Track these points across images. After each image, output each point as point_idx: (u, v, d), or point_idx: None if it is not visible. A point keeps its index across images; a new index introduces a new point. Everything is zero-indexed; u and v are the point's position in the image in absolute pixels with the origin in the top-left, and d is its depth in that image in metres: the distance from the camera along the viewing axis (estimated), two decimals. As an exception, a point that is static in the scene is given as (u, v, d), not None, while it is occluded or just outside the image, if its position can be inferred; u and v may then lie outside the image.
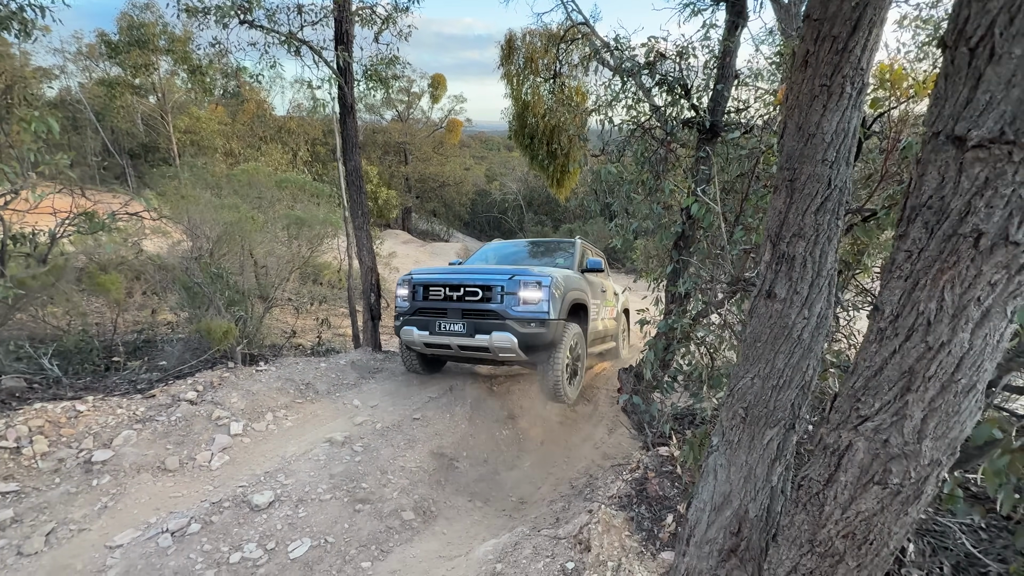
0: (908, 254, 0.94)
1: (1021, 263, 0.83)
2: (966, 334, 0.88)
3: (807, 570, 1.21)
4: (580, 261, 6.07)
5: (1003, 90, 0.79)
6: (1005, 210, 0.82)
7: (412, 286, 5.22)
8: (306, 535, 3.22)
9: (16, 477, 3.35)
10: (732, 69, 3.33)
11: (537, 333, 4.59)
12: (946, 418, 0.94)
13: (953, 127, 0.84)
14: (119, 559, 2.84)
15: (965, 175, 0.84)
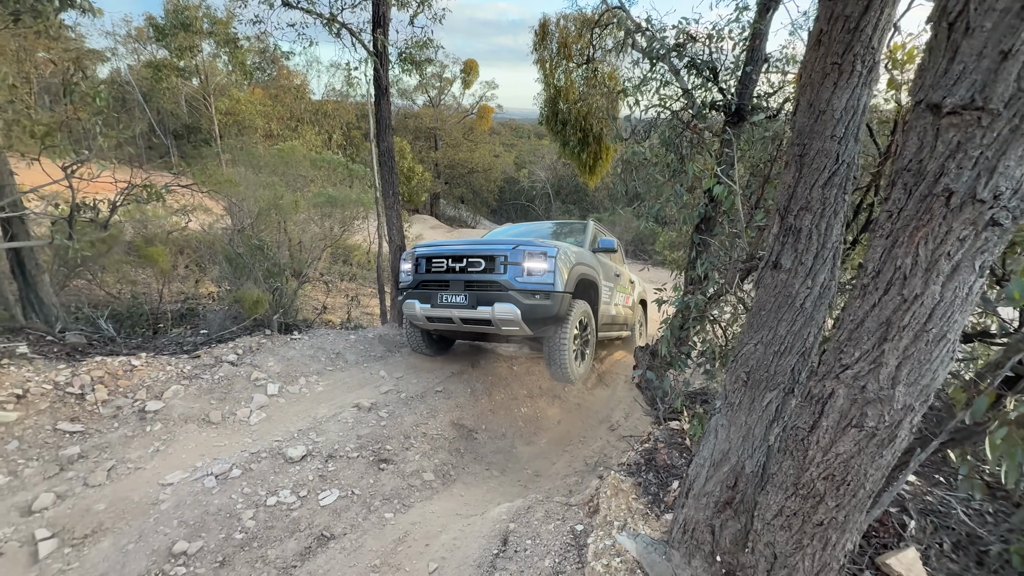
0: (889, 214, 1.02)
1: (986, 219, 0.90)
2: (937, 287, 0.96)
3: (791, 512, 1.32)
4: (592, 241, 5.90)
5: (975, 61, 0.86)
6: (973, 171, 0.89)
7: (415, 259, 5.05)
8: (335, 486, 3.48)
9: (81, 420, 3.72)
10: (762, 52, 3.31)
11: (542, 305, 4.40)
12: (918, 365, 1.03)
13: (931, 96, 0.92)
14: (170, 495, 3.15)
15: (940, 139, 0.92)
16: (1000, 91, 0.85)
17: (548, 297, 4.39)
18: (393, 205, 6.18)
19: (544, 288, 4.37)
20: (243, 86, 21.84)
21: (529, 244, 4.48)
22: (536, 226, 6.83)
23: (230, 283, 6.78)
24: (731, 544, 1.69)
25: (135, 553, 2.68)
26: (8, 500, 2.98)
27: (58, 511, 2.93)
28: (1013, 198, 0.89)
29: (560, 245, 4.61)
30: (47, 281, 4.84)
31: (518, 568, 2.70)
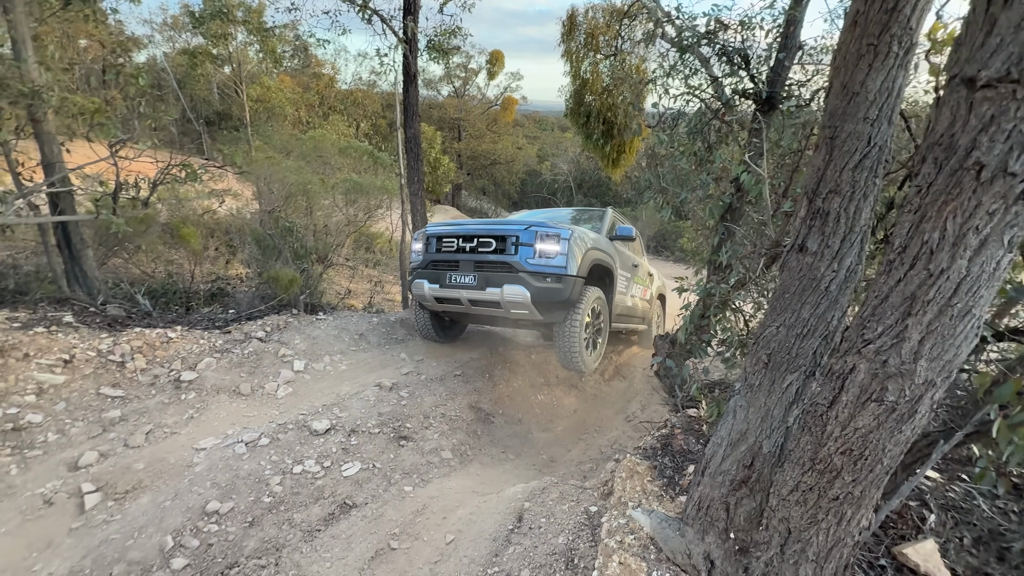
0: (918, 189, 1.03)
1: (1017, 193, 0.90)
2: (964, 261, 0.97)
3: (807, 487, 1.34)
4: (610, 228, 5.72)
5: (1012, 33, 0.86)
6: (1006, 144, 0.89)
7: (426, 238, 4.96)
8: (357, 459, 3.61)
9: (121, 386, 3.93)
10: (796, 40, 3.25)
11: (553, 288, 4.23)
12: (941, 340, 1.04)
13: (966, 69, 0.92)
14: (203, 459, 3.31)
15: (974, 113, 0.92)
16: (1036, 63, 0.85)
17: (560, 280, 4.24)
18: (418, 192, 6.27)
19: (556, 271, 4.24)
20: (272, 74, 22.26)
21: (542, 225, 4.37)
22: (554, 212, 6.63)
23: (259, 264, 6.99)
24: (745, 522, 1.71)
25: (172, 509, 2.84)
26: (57, 456, 3.19)
27: (101, 468, 3.12)
28: (1044, 172, 0.89)
29: (575, 228, 4.49)
30: (91, 255, 5.09)
31: (532, 543, 2.77)
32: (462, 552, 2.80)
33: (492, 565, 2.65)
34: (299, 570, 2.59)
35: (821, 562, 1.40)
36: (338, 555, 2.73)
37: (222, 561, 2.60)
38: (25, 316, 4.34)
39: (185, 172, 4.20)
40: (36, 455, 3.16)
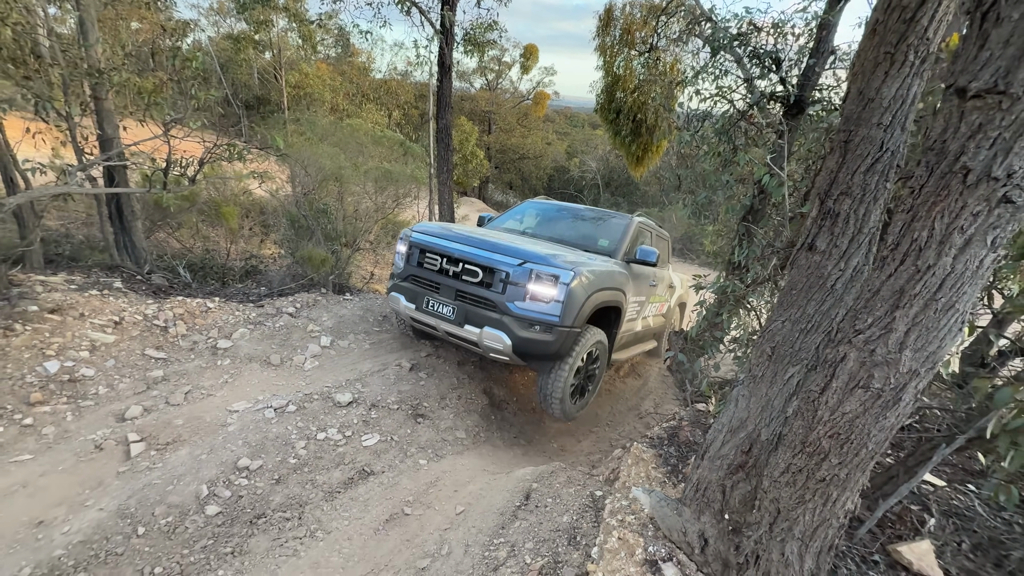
0: (911, 190, 1.10)
1: (999, 196, 0.97)
2: (949, 258, 1.04)
3: (797, 468, 1.43)
4: (629, 247, 4.75)
5: (1001, 48, 0.92)
6: (991, 151, 0.96)
7: (409, 245, 4.36)
8: (376, 432, 3.80)
9: (164, 349, 4.22)
10: (829, 44, 3.24)
11: (539, 340, 3.68)
12: (926, 332, 1.11)
13: (959, 80, 0.99)
14: (236, 420, 3.55)
15: (964, 121, 0.99)
16: (1021, 77, 0.91)
17: (549, 331, 3.67)
18: (446, 181, 6.44)
19: (546, 319, 3.65)
20: (311, 61, 22.81)
21: (540, 262, 3.67)
22: (569, 209, 5.64)
23: (291, 245, 7.29)
24: (740, 504, 1.80)
25: (207, 462, 3.08)
26: (106, 407, 3.48)
27: (145, 421, 3.39)
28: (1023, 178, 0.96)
29: (580, 266, 3.75)
30: (139, 227, 5.42)
31: (537, 520, 2.91)
32: (471, 522, 2.96)
33: (498, 536, 2.80)
34: (320, 525, 2.79)
35: (807, 540, 1.48)
36: (356, 515, 2.92)
37: (251, 511, 2.82)
38: (80, 279, 4.69)
39: (230, 151, 4.45)
40: (88, 405, 3.45)
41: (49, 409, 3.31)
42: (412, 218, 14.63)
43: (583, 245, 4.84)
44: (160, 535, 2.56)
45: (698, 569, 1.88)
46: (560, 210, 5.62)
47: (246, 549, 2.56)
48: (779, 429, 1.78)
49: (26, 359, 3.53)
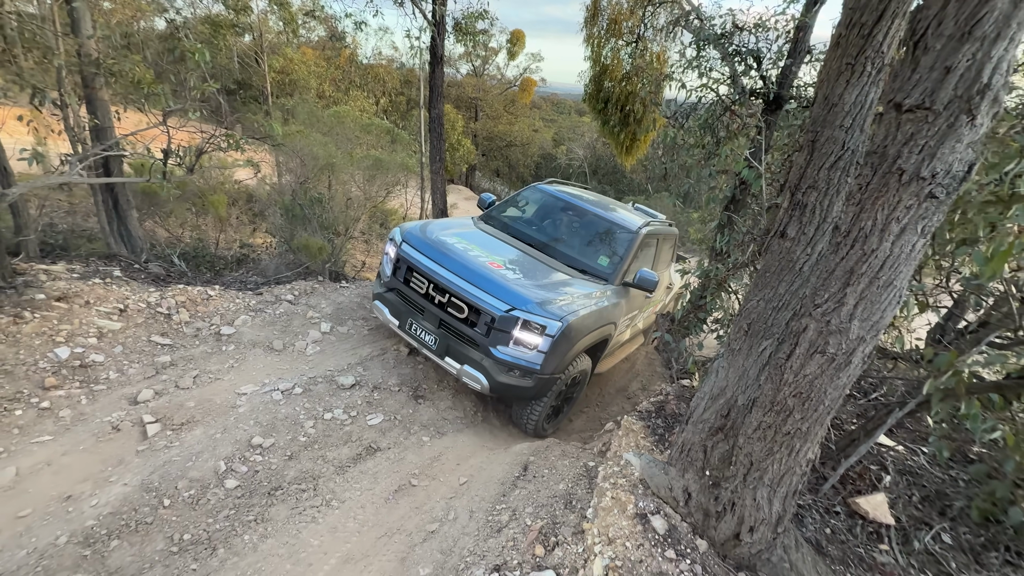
0: (859, 186, 1.32)
1: (926, 192, 1.19)
2: (888, 243, 1.26)
3: (767, 425, 1.67)
4: (628, 268, 4.47)
5: (928, 72, 1.13)
6: (920, 155, 1.17)
7: (397, 256, 4.21)
8: (379, 412, 3.99)
9: (169, 335, 4.33)
10: (805, 45, 3.46)
11: (518, 385, 3.68)
12: (870, 305, 1.33)
13: (897, 96, 1.20)
14: (245, 402, 3.71)
15: (900, 131, 1.20)
16: (942, 96, 1.12)
17: (529, 377, 3.66)
18: (439, 171, 6.56)
19: (527, 366, 3.62)
20: (294, 45, 22.36)
21: (528, 309, 3.54)
22: (575, 212, 5.12)
23: (284, 233, 7.36)
24: (719, 461, 2.05)
25: (222, 441, 3.24)
26: (118, 391, 3.60)
27: (158, 404, 3.53)
28: (945, 177, 1.17)
29: (569, 314, 3.62)
30: (135, 216, 5.46)
31: (536, 488, 3.15)
32: (474, 491, 3.19)
33: (500, 502, 3.03)
34: (335, 495, 2.99)
35: (775, 487, 1.73)
36: (367, 486, 3.13)
37: (267, 484, 3.00)
38: (80, 268, 4.75)
39: (228, 141, 4.53)
40: (101, 389, 3.57)
41: (64, 393, 3.42)
42: (400, 206, 14.67)
43: (580, 262, 4.61)
44: (185, 506, 2.73)
45: (682, 519, 2.13)
46: (566, 207, 5.18)
47: (268, 517, 2.75)
48: (753, 394, 2.02)
49: (37, 346, 3.62)
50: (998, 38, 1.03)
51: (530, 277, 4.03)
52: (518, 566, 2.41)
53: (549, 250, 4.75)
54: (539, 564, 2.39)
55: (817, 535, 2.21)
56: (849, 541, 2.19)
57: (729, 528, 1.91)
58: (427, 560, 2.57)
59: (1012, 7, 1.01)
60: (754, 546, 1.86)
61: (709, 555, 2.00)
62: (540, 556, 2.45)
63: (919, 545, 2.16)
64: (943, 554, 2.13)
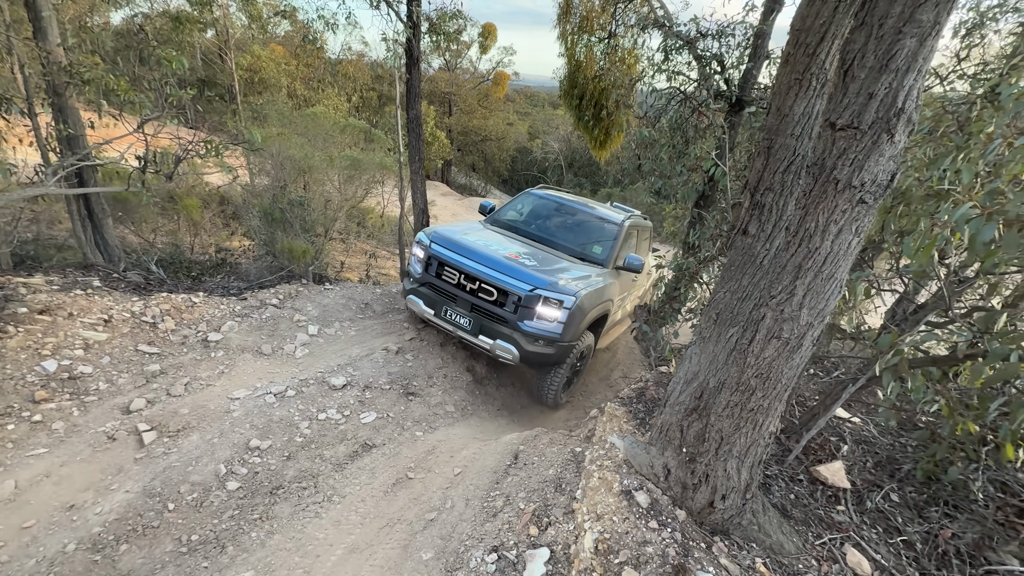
0: (804, 193, 1.52)
1: (857, 199, 1.39)
2: (829, 242, 1.47)
3: (734, 404, 1.87)
4: (619, 254, 5.20)
5: (854, 97, 1.33)
6: (851, 167, 1.38)
7: (428, 256, 4.79)
8: (372, 410, 4.11)
9: (156, 344, 4.34)
10: (764, 50, 3.70)
11: (543, 353, 4.36)
12: (816, 295, 1.54)
13: (831, 116, 1.40)
14: (239, 406, 3.78)
15: (835, 146, 1.40)
16: (867, 118, 1.32)
17: (551, 345, 4.36)
18: (419, 171, 6.64)
19: (550, 336, 4.32)
20: (262, 42, 21.81)
21: (547, 288, 4.23)
22: (566, 211, 5.83)
23: (264, 236, 7.33)
24: (694, 439, 2.26)
25: (220, 445, 3.32)
26: (110, 401, 3.63)
27: (151, 412, 3.57)
28: (872, 186, 1.38)
29: (580, 289, 4.36)
30: (111, 224, 5.40)
31: (527, 475, 3.33)
32: (468, 481, 3.35)
33: (494, 489, 3.20)
34: (335, 491, 3.11)
35: (742, 458, 1.94)
36: (365, 481, 3.26)
37: (268, 484, 3.10)
38: (59, 280, 4.69)
39: (208, 148, 4.53)
40: (92, 400, 3.59)
41: (54, 406, 3.44)
42: (377, 204, 14.60)
43: (579, 252, 5.34)
44: (189, 509, 2.82)
45: (663, 493, 2.34)
46: (558, 208, 5.90)
47: (272, 515, 2.86)
48: (722, 377, 2.23)
49: (23, 359, 3.61)
50: (908, 70, 1.23)
51: (543, 264, 4.74)
52: (514, 545, 2.58)
53: (552, 243, 5.46)
54: (534, 543, 2.57)
55: (783, 500, 2.45)
56: (811, 505, 2.44)
57: (704, 497, 2.13)
58: (428, 546, 2.73)
59: (918, 45, 1.21)
60: (726, 512, 2.08)
61: (688, 523, 2.22)
62: (534, 535, 2.63)
63: (871, 505, 2.42)
64: (891, 511, 2.40)
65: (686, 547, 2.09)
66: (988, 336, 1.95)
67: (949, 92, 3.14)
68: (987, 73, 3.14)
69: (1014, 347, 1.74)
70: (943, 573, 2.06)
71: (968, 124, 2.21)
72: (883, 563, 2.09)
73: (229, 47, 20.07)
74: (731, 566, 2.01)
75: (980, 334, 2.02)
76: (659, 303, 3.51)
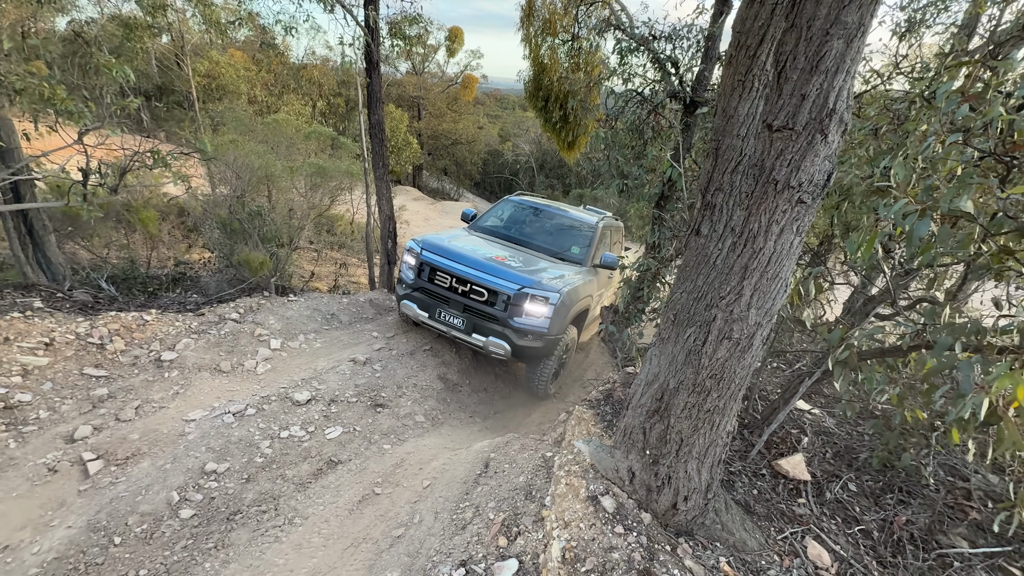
0: (747, 194, 1.53)
1: (796, 199, 1.41)
2: (772, 242, 1.48)
3: (691, 405, 1.87)
4: (595, 253, 5.53)
5: (788, 99, 1.34)
6: (789, 168, 1.39)
7: (420, 262, 5.07)
8: (338, 424, 3.99)
9: (104, 366, 4.11)
10: (716, 52, 3.77)
11: (533, 347, 4.68)
12: (762, 295, 1.56)
13: (768, 118, 1.41)
14: (194, 428, 3.61)
15: (773, 147, 1.41)
16: (801, 119, 1.34)
17: (540, 339, 4.68)
18: (383, 177, 6.52)
19: (539, 330, 4.63)
20: (221, 48, 21.14)
21: (534, 287, 4.56)
22: (543, 216, 6.10)
23: (224, 248, 7.07)
24: (657, 440, 2.26)
25: (172, 471, 3.15)
26: (52, 430, 3.41)
27: (98, 439, 3.37)
28: (810, 186, 1.40)
29: (564, 286, 4.69)
30: (53, 241, 5.11)
31: (497, 483, 3.28)
32: (438, 493, 3.28)
33: (464, 501, 3.14)
34: (297, 513, 2.99)
35: (702, 458, 1.95)
36: (329, 500, 3.15)
37: (225, 510, 2.96)
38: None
39: (154, 158, 4.33)
40: (32, 430, 3.36)
41: (-12, 439, 3.20)
42: (346, 211, 14.33)
43: (559, 253, 5.67)
44: (138, 542, 2.66)
45: (628, 496, 2.33)
46: (536, 213, 6.23)
47: (228, 542, 2.73)
48: (681, 378, 2.24)
49: (-49, 391, 3.36)
50: (838, 71, 1.25)
51: (527, 265, 5.09)
52: (483, 558, 2.53)
53: (533, 246, 5.82)
54: (503, 554, 2.52)
55: (746, 496, 2.47)
56: (773, 499, 2.47)
57: (668, 499, 2.12)
58: (394, 564, 2.65)
59: (845, 46, 1.22)
60: (689, 513, 2.08)
61: (653, 526, 2.21)
62: (503, 547, 2.58)
63: (830, 496, 2.47)
64: (849, 501, 2.45)
65: (651, 551, 2.08)
66: (932, 328, 2.01)
67: (891, 91, 3.26)
68: (925, 72, 3.27)
69: (957, 338, 1.79)
70: (899, 560, 2.11)
71: (906, 123, 2.29)
72: (842, 554, 2.13)
73: (186, 53, 19.40)
74: (696, 567, 2.00)
75: (925, 326, 2.08)
76: (625, 304, 3.52)
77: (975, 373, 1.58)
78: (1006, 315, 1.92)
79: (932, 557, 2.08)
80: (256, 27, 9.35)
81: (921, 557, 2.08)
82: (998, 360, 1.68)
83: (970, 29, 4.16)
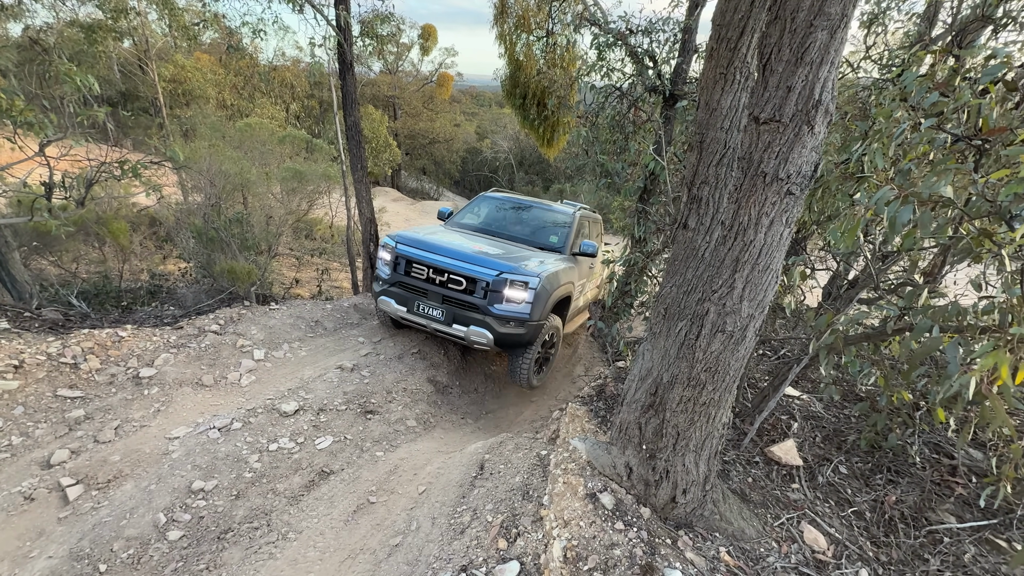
0: (736, 187, 1.54)
1: (785, 191, 1.42)
2: (762, 234, 1.49)
3: (687, 399, 1.88)
4: (574, 241, 5.54)
5: (774, 91, 1.35)
6: (777, 160, 1.40)
7: (395, 256, 4.95)
8: (328, 434, 3.92)
9: (79, 387, 3.95)
10: (692, 45, 3.80)
11: (515, 334, 4.57)
12: (754, 287, 1.57)
13: (755, 111, 1.42)
14: (179, 446, 3.50)
15: (760, 139, 1.42)
16: (788, 111, 1.35)
17: (522, 325, 4.57)
18: (362, 179, 6.41)
19: (520, 317, 4.51)
20: (187, 51, 20.53)
21: (512, 272, 4.47)
22: (519, 207, 6.15)
23: (201, 259, 6.88)
24: (652, 435, 2.27)
25: (158, 492, 3.05)
26: (26, 457, 3.26)
27: (76, 463, 3.24)
28: (798, 177, 1.41)
29: (543, 271, 4.63)
30: (18, 258, 4.91)
31: (494, 485, 3.26)
32: (434, 498, 3.24)
33: (460, 504, 3.11)
34: (291, 527, 2.93)
35: (699, 451, 1.96)
36: (323, 512, 3.09)
37: (215, 529, 2.87)
38: (-43, 325, 4.19)
39: (122, 169, 4.17)
40: (4, 458, 3.21)
41: (-43, 469, 3.05)
42: (325, 215, 14.08)
43: (538, 243, 5.64)
44: (125, 567, 2.56)
45: (627, 492, 2.33)
46: (514, 205, 6.22)
47: (220, 562, 2.65)
48: (675, 372, 2.24)
49: (-85, 421, 3.19)
50: (822, 63, 1.26)
51: (506, 253, 5.01)
52: (483, 562, 2.51)
53: (511, 237, 5.77)
54: (503, 557, 2.51)
55: (742, 485, 2.50)
56: (767, 486, 2.51)
57: (666, 493, 2.13)
58: (394, 574, 2.61)
59: (829, 37, 1.23)
60: (688, 505, 2.09)
61: (652, 520, 2.22)
62: (503, 549, 2.56)
63: (822, 479, 2.52)
64: (841, 483, 2.50)
65: (652, 545, 2.09)
66: (913, 311, 2.06)
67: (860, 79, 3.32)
68: (892, 59, 3.34)
69: (936, 321, 1.83)
70: (891, 539, 2.16)
71: (872, 110, 2.33)
72: (837, 536, 2.17)
73: (150, 57, 18.80)
74: (697, 559, 2.02)
75: (906, 309, 2.12)
76: (612, 298, 3.53)
77: (959, 354, 1.61)
78: (985, 296, 1.97)
79: (923, 534, 2.13)
80: (222, 29, 9.07)
81: (912, 535, 2.14)
82: (980, 340, 1.72)
83: (931, 17, 4.28)
